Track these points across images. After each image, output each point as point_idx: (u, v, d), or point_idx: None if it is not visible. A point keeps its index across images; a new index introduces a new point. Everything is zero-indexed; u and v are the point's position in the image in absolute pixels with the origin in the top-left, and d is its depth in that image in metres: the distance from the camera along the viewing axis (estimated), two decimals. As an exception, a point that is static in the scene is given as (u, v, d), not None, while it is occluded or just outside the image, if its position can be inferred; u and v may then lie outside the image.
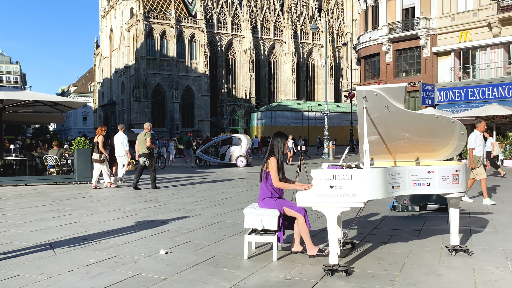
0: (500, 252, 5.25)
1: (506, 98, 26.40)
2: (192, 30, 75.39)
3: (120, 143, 13.47)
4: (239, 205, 9.00)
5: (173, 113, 73.51)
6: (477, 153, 9.46)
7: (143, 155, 12.30)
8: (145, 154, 12.29)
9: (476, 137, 9.51)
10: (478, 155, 9.45)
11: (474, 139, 9.48)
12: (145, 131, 12.33)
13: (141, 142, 12.33)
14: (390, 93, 4.62)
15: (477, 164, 9.38)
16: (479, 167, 9.41)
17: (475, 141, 9.46)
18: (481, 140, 9.55)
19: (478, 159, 9.41)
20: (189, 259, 5.06)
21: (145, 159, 12.32)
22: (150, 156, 12.39)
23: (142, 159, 12.34)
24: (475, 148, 9.44)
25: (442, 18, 30.36)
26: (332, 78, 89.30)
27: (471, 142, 9.45)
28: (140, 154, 12.34)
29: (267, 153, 5.20)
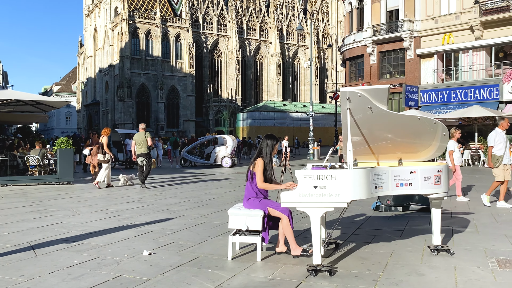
0: (480, 251, 5.33)
1: (487, 100, 26.83)
2: (177, 29, 75.05)
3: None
4: (224, 206, 8.98)
5: (157, 113, 73.06)
6: (496, 152, 8.87)
7: (142, 154, 12.61)
8: (144, 154, 12.63)
9: (497, 135, 8.92)
10: (497, 154, 8.85)
11: (494, 137, 8.92)
12: (142, 131, 12.69)
13: (140, 142, 12.60)
14: (373, 95, 4.66)
15: (495, 164, 8.85)
16: (497, 167, 8.86)
17: (495, 139, 8.88)
18: (502, 138, 8.89)
19: (497, 159, 8.83)
20: (173, 260, 5.03)
21: (143, 159, 12.62)
22: (149, 156, 12.75)
23: (140, 159, 12.62)
24: (495, 146, 8.88)
25: (425, 21, 30.74)
26: (317, 79, 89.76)
27: (490, 140, 8.96)
28: (139, 154, 12.62)
29: (256, 154, 5.22)
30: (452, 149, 9.92)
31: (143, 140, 12.59)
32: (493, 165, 8.86)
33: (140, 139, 12.65)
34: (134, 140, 12.80)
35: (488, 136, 9.12)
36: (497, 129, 9.02)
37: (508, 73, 26.55)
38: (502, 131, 8.98)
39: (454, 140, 10.07)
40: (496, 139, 8.86)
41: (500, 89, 26.64)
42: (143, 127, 12.94)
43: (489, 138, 9.05)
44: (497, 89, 26.73)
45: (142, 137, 12.63)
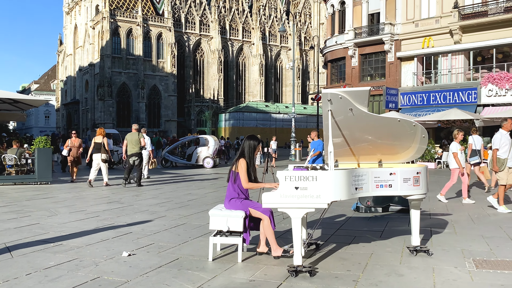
0: (458, 252, 5.42)
1: (466, 103, 27.33)
2: (159, 29, 74.49)
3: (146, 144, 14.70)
4: (205, 207, 8.94)
5: (138, 113, 72.36)
6: (501, 155, 8.47)
7: (135, 154, 12.84)
8: (137, 154, 12.87)
9: (502, 137, 8.51)
10: (502, 157, 8.47)
11: (499, 139, 8.50)
12: (135, 131, 12.98)
13: (132, 142, 12.85)
14: (354, 97, 4.70)
15: (500, 167, 8.46)
16: (502, 170, 8.47)
17: (500, 141, 8.47)
18: (507, 140, 8.51)
19: (502, 162, 8.46)
20: (153, 262, 4.98)
21: (136, 158, 12.85)
22: (141, 156, 13.02)
23: (132, 159, 12.84)
24: (500, 149, 8.47)
25: (406, 24, 31.15)
26: (300, 81, 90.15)
27: (495, 142, 8.54)
28: (132, 154, 12.83)
29: (238, 154, 5.21)
30: (456, 151, 9.73)
31: (136, 140, 12.86)
32: (498, 169, 8.47)
33: (133, 139, 12.88)
34: (127, 140, 13.01)
35: (493, 138, 8.68)
36: (501, 131, 8.61)
37: (486, 77, 27.10)
38: (507, 133, 8.60)
39: (457, 142, 9.89)
40: (501, 142, 8.47)
41: (478, 93, 27.16)
42: (136, 127, 13.24)
43: (494, 140, 8.62)
44: (475, 93, 27.25)
45: (135, 137, 12.89)
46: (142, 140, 12.96)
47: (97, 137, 13.19)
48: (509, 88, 26.06)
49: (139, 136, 12.96)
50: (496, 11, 26.81)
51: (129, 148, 12.92)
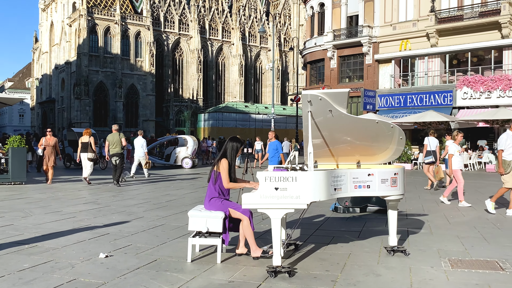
0: (434, 252, 5.51)
1: (442, 105, 27.87)
2: (137, 27, 73.69)
3: (140, 146, 15.80)
4: (184, 208, 8.89)
5: (116, 112, 71.41)
6: (507, 157, 8.17)
7: (117, 154, 13.17)
8: (118, 154, 13.21)
9: (508, 138, 8.19)
10: (508, 159, 8.16)
11: (505, 140, 8.20)
12: (116, 132, 13.35)
13: (114, 142, 13.19)
14: (333, 98, 4.74)
15: (506, 170, 8.14)
16: (508, 173, 8.15)
17: (506, 143, 8.17)
18: None
19: (508, 164, 8.15)
20: (130, 263, 4.92)
21: (117, 158, 13.15)
22: (122, 155, 13.40)
23: (114, 158, 13.14)
24: (505, 150, 8.17)
25: (384, 27, 31.59)
26: (279, 82, 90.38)
27: (501, 143, 8.25)
28: (114, 154, 13.17)
29: (220, 155, 5.21)
30: (452, 153, 9.56)
31: (118, 140, 13.22)
32: (504, 171, 8.16)
33: (114, 140, 13.22)
34: (108, 141, 13.34)
35: (498, 139, 8.40)
36: (508, 132, 8.31)
37: (461, 80, 27.69)
38: None
39: (456, 143, 9.74)
40: (507, 143, 8.17)
41: (453, 95, 27.73)
42: (116, 128, 13.67)
43: (500, 141, 8.30)
44: (451, 95, 27.82)
45: (117, 138, 13.24)
46: (123, 140, 13.33)
47: (83, 136, 13.65)
48: (484, 91, 26.69)
49: (120, 137, 13.30)
50: (472, 15, 27.43)
51: (110, 149, 13.24)
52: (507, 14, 25.66)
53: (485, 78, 26.72)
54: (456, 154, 9.67)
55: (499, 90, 26.07)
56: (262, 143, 23.20)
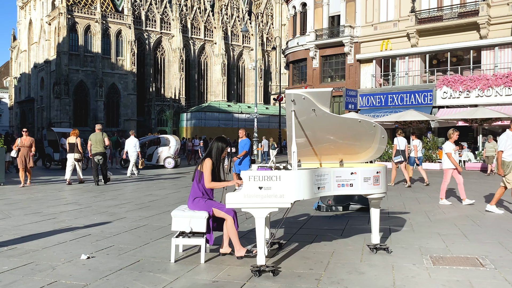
0: (416, 249, 5.58)
1: (422, 104, 28.26)
2: (118, 26, 72.92)
3: (132, 146, 16.27)
4: (166, 208, 8.82)
5: (96, 111, 70.52)
6: (507, 158, 7.97)
7: (100, 153, 13.30)
8: (102, 153, 13.34)
9: (508, 138, 8.01)
10: (507, 160, 7.97)
11: (505, 141, 8.02)
12: (99, 131, 13.49)
13: (97, 142, 13.30)
14: (317, 97, 4.75)
15: (505, 171, 7.95)
16: (508, 173, 7.94)
17: (506, 143, 7.98)
18: None
19: (507, 165, 7.96)
20: (113, 264, 4.86)
21: (100, 157, 13.29)
22: (105, 155, 13.57)
23: (97, 157, 13.28)
24: (505, 151, 7.97)
25: (365, 27, 31.87)
26: (262, 81, 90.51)
27: (501, 143, 8.05)
28: (97, 153, 13.28)
29: (205, 154, 5.20)
30: (449, 151, 9.44)
31: (101, 139, 13.36)
32: (503, 173, 7.97)
33: (97, 139, 13.35)
34: (91, 140, 13.43)
35: (498, 140, 8.20)
36: (508, 132, 8.11)
37: (441, 80, 28.12)
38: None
39: (451, 142, 9.59)
40: (507, 143, 7.98)
41: (433, 95, 28.15)
42: (99, 127, 13.76)
43: (500, 141, 8.10)
44: (431, 95, 28.23)
45: (99, 137, 13.39)
46: (106, 139, 13.51)
47: (70, 137, 13.79)
48: (463, 91, 27.15)
49: (103, 136, 13.47)
50: (451, 16, 27.87)
51: (93, 148, 13.32)
52: (485, 15, 26.15)
53: (464, 78, 27.19)
54: (452, 152, 9.51)
55: (477, 90, 26.55)
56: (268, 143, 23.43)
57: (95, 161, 13.34)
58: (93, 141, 13.37)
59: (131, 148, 16.31)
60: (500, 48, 26.69)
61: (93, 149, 13.33)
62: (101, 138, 13.41)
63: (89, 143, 13.49)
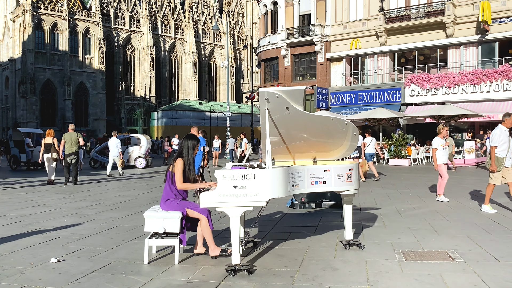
0: (388, 245, 5.67)
1: (391, 102, 28.80)
2: (86, 23, 71.44)
3: (115, 146, 16.56)
4: (138, 208, 8.69)
5: (64, 111, 68.90)
6: (500, 153, 7.75)
7: (74, 153, 13.25)
8: (75, 153, 13.31)
9: (501, 133, 7.75)
10: (501, 156, 7.75)
11: (499, 135, 7.74)
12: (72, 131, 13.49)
13: (71, 141, 13.27)
14: (290, 96, 4.76)
15: (499, 167, 7.74)
16: (500, 170, 7.76)
17: (499, 138, 7.72)
18: (506, 137, 7.77)
19: (501, 161, 7.76)
20: (84, 267, 4.75)
21: (74, 157, 13.23)
22: (78, 155, 13.57)
23: (70, 158, 13.20)
24: (498, 146, 7.72)
25: (335, 26, 32.23)
26: (234, 80, 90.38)
27: (494, 138, 7.78)
28: (71, 153, 13.22)
29: (176, 154, 5.11)
30: (436, 147, 9.26)
31: (75, 139, 13.37)
32: (496, 168, 7.73)
33: (72, 139, 13.34)
34: (65, 139, 13.38)
35: (491, 135, 7.96)
36: (500, 126, 7.85)
37: (409, 78, 28.72)
38: (507, 129, 7.85)
39: (440, 137, 9.37)
40: (500, 138, 7.73)
41: (402, 92, 28.73)
42: (72, 127, 13.76)
43: (492, 136, 7.86)
44: (399, 92, 28.80)
45: (74, 137, 13.40)
46: (80, 139, 13.58)
47: (47, 138, 13.80)
48: (430, 88, 27.80)
49: (77, 136, 13.52)
50: (418, 15, 28.49)
51: (67, 148, 13.24)
52: (451, 15, 26.84)
53: (431, 76, 27.85)
54: (440, 148, 9.33)
55: (444, 87, 27.25)
56: (221, 141, 23.34)
57: (68, 161, 13.25)
58: (67, 140, 13.29)
59: (114, 149, 16.67)
60: (466, 46, 27.46)
61: (67, 149, 13.23)
62: (76, 138, 13.42)
63: (62, 142, 13.38)
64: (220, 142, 23.49)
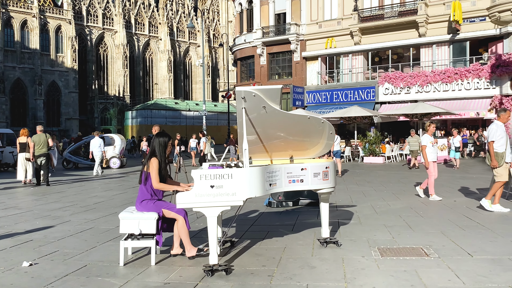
0: (364, 242, 5.73)
1: (365, 100, 29.17)
2: (58, 21, 69.90)
3: (97, 146, 16.85)
4: (113, 209, 8.55)
5: (35, 110, 67.29)
6: (498, 149, 7.65)
7: (44, 155, 13.29)
8: (45, 154, 13.34)
9: (498, 128, 7.68)
10: (500, 151, 7.65)
11: (495, 131, 7.67)
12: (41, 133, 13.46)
13: (41, 143, 13.28)
14: (267, 94, 4.75)
15: (500, 162, 7.63)
16: (502, 166, 7.65)
17: (496, 133, 7.66)
18: (503, 132, 7.70)
19: (501, 156, 7.65)
20: (58, 270, 4.64)
21: (43, 159, 13.25)
22: (48, 156, 13.58)
23: (40, 159, 13.23)
24: (496, 141, 7.65)
25: (310, 25, 32.43)
26: (210, 78, 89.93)
27: (491, 133, 7.71)
28: (41, 154, 13.24)
29: (149, 154, 5.02)
30: (425, 144, 9.20)
31: (44, 141, 13.37)
32: (497, 164, 7.62)
33: (41, 140, 13.32)
34: (34, 141, 13.32)
35: (488, 130, 7.91)
36: (496, 122, 7.81)
37: (382, 76, 29.14)
38: (502, 124, 7.78)
39: (428, 134, 9.36)
40: (497, 133, 7.67)
41: (376, 91, 29.12)
42: (40, 129, 13.80)
43: (489, 131, 7.78)
44: (374, 91, 29.19)
45: (43, 138, 13.39)
46: (50, 140, 13.66)
47: (21, 137, 13.73)
48: (403, 87, 28.28)
49: (46, 137, 13.52)
50: (391, 15, 28.92)
51: (37, 150, 13.25)
52: (423, 14, 27.34)
53: (405, 75, 28.32)
54: (429, 145, 9.27)
55: (417, 86, 27.75)
56: (197, 141, 23.19)
57: (37, 163, 13.27)
58: (36, 142, 13.27)
59: (96, 148, 16.92)
60: (438, 45, 28.02)
61: (37, 150, 13.23)
62: (45, 139, 13.42)
63: (31, 144, 13.27)
64: (197, 141, 23.34)
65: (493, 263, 4.70)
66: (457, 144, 17.73)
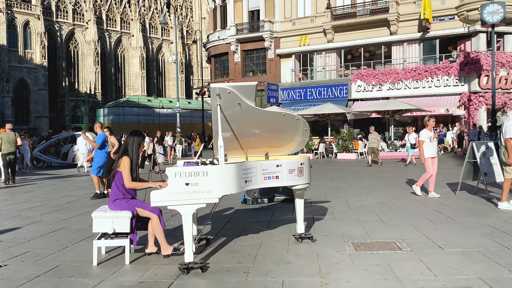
0: (338, 237, 5.80)
1: (338, 98, 29.49)
2: (26, 16, 68.03)
3: (83, 144, 16.94)
4: (86, 209, 8.40)
5: (3, 108, 65.38)
6: None
7: (12, 153, 13.36)
8: (13, 153, 13.40)
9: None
10: None
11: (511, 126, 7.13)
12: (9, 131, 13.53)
13: (9, 141, 13.31)
14: (242, 91, 4.75)
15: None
16: None
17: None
18: None
19: None
20: (29, 271, 4.53)
21: (12, 157, 13.30)
22: (15, 155, 13.68)
23: (9, 157, 13.24)
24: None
25: (284, 22, 32.54)
26: (183, 75, 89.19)
27: (508, 130, 7.17)
28: (10, 153, 13.28)
29: (121, 152, 4.94)
30: (422, 139, 8.90)
31: (13, 139, 13.42)
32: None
33: (10, 139, 13.36)
34: (2, 139, 13.38)
35: (504, 126, 7.26)
36: (511, 117, 7.26)
37: (355, 74, 29.52)
38: None
39: (428, 129, 9.00)
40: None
41: (349, 88, 29.48)
42: (9, 127, 13.86)
43: (506, 128, 7.20)
44: (346, 88, 29.54)
45: (12, 137, 13.45)
46: (18, 139, 13.63)
47: None
48: (375, 84, 28.71)
49: (15, 136, 13.56)
50: (364, 13, 29.30)
51: (5, 147, 13.27)
52: (394, 12, 27.81)
53: (377, 72, 28.76)
54: (427, 141, 8.92)
55: (389, 83, 28.22)
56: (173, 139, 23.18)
57: (6, 160, 13.26)
58: (4, 140, 13.31)
59: (82, 146, 17.16)
60: (409, 43, 28.56)
61: (4, 148, 13.23)
62: (14, 138, 13.45)
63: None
64: (172, 139, 23.22)
65: (463, 255, 4.83)
66: (412, 141, 17.89)
